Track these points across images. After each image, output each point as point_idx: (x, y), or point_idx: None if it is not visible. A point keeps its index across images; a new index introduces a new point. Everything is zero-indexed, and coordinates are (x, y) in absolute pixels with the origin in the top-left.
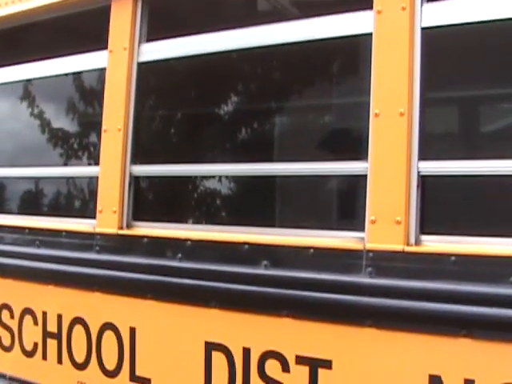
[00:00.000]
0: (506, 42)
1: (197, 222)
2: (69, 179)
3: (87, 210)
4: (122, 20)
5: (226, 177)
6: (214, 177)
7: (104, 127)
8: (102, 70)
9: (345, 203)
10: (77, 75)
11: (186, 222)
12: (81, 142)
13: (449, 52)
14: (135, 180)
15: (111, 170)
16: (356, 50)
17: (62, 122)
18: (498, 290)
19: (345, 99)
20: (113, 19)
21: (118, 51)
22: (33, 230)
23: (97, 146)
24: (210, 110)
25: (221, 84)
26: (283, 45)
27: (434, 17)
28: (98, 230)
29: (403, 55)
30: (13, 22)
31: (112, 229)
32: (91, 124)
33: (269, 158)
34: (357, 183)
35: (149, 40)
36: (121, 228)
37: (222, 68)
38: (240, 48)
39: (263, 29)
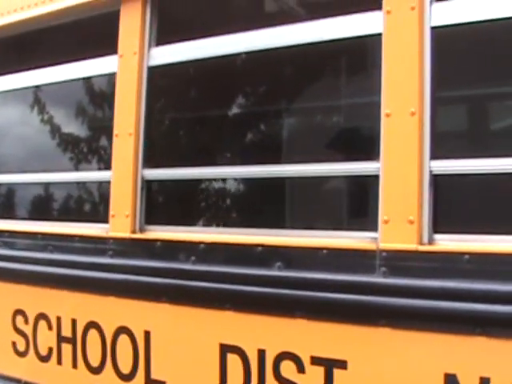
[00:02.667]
0: None
1: (209, 224)
2: (81, 184)
3: (100, 215)
4: (132, 24)
5: (238, 179)
6: (225, 179)
7: (115, 132)
8: (113, 75)
9: (357, 203)
10: (87, 80)
11: (199, 225)
12: (93, 147)
13: (459, 51)
14: (147, 184)
15: (123, 174)
16: (366, 50)
17: (74, 127)
18: None
19: (356, 100)
20: (122, 24)
21: (128, 56)
22: (45, 235)
23: (108, 151)
24: (221, 112)
25: (231, 87)
26: (292, 47)
27: (443, 16)
28: (111, 234)
29: (413, 55)
30: (22, 29)
31: (125, 233)
32: (103, 129)
33: (281, 160)
34: (369, 183)
35: (158, 44)
36: (134, 232)
37: (232, 71)
38: (249, 50)
39: (272, 31)
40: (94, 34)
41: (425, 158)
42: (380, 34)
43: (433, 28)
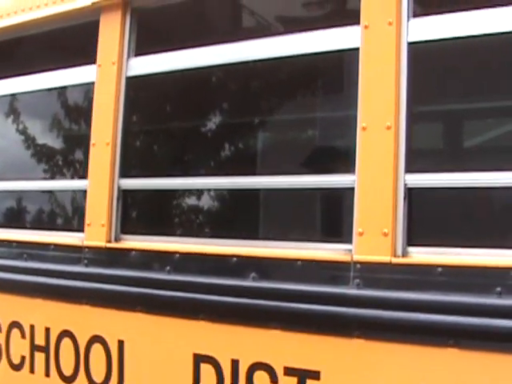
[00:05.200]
0: (489, 57)
1: (185, 234)
2: (57, 193)
3: (75, 224)
4: (111, 34)
5: (215, 190)
6: (201, 190)
7: (92, 141)
8: (91, 85)
9: (333, 216)
10: (65, 89)
11: (175, 235)
12: (69, 156)
13: (435, 67)
14: (123, 193)
15: (100, 183)
16: (343, 64)
17: (51, 136)
18: (484, 300)
19: (332, 113)
20: (101, 34)
21: (107, 66)
22: (21, 244)
23: (85, 160)
24: (198, 124)
25: (208, 98)
26: (270, 60)
27: (420, 32)
28: (87, 243)
29: (390, 69)
30: (1, 37)
31: (100, 242)
32: (80, 138)
33: (258, 172)
34: (345, 196)
35: (137, 54)
36: (109, 241)
37: (210, 83)
38: (227, 63)
39: (250, 44)
40: (72, 44)
41: (400, 172)
42: (357, 49)
43: (410, 43)
